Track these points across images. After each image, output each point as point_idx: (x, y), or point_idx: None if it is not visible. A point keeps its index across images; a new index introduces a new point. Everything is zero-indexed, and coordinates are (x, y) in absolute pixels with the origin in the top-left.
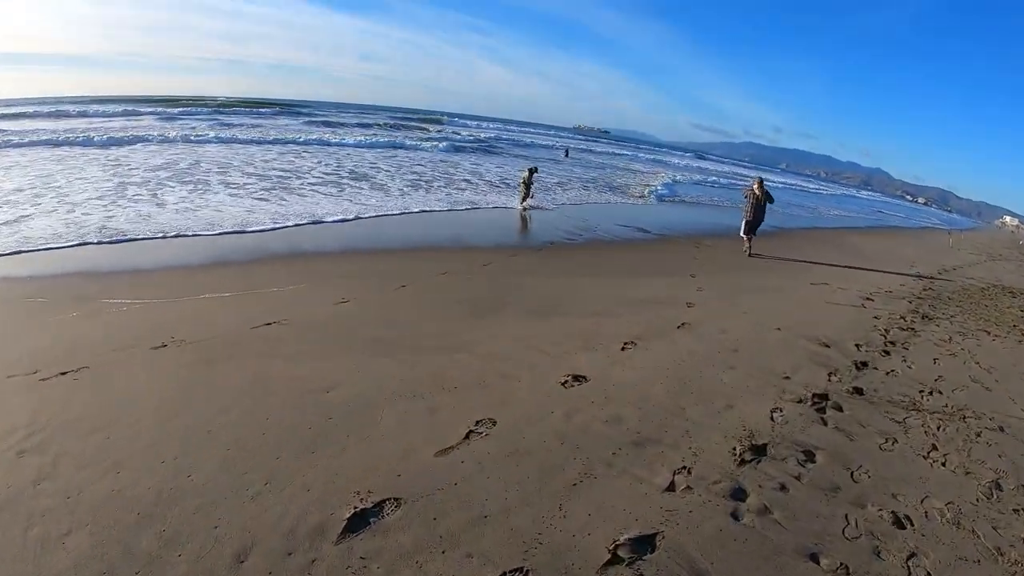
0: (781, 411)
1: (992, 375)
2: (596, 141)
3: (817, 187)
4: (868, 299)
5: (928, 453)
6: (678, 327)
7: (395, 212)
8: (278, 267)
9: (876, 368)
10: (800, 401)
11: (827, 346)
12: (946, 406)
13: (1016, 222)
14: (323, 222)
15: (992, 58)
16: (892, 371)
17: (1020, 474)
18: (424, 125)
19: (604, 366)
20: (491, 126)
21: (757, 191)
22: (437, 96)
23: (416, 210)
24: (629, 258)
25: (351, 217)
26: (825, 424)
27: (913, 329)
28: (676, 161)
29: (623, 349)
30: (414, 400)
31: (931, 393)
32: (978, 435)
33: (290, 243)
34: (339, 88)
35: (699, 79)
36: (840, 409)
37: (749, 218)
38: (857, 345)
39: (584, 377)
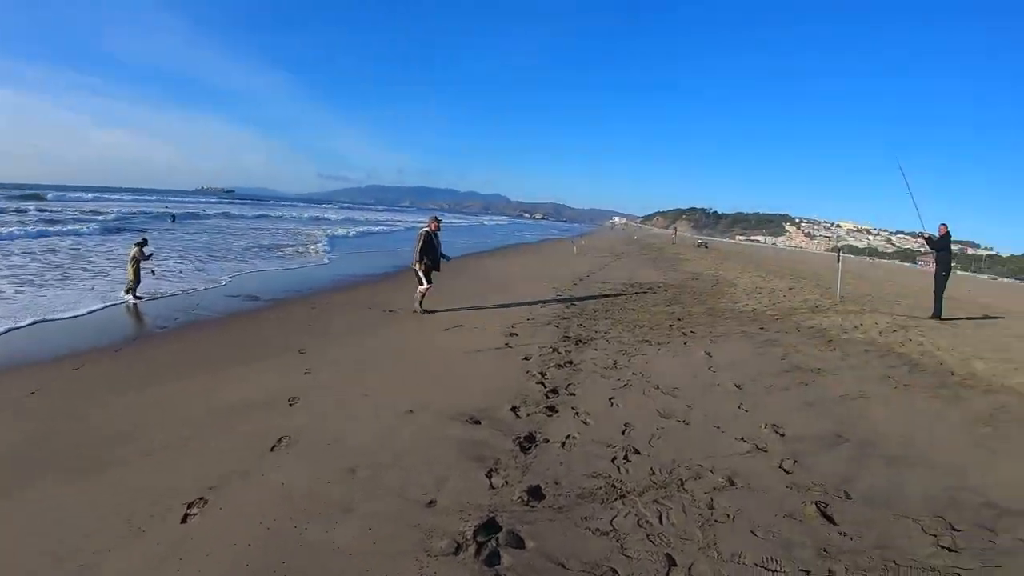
0: None
1: (679, 398)
2: (221, 202)
3: (450, 220)
4: (511, 334)
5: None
6: (272, 448)
7: None
8: None
9: (548, 440)
10: (458, 550)
11: (477, 422)
12: (653, 472)
13: (624, 220)
14: None
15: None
16: (569, 438)
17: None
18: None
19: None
20: (108, 197)
21: (429, 228)
22: (49, 167)
23: None
24: (230, 339)
25: None
26: None
27: (571, 363)
28: (306, 214)
29: (185, 519)
30: None
31: (627, 458)
32: (711, 508)
33: None
34: None
35: (322, 129)
36: (520, 543)
37: (418, 267)
38: (514, 409)
39: None
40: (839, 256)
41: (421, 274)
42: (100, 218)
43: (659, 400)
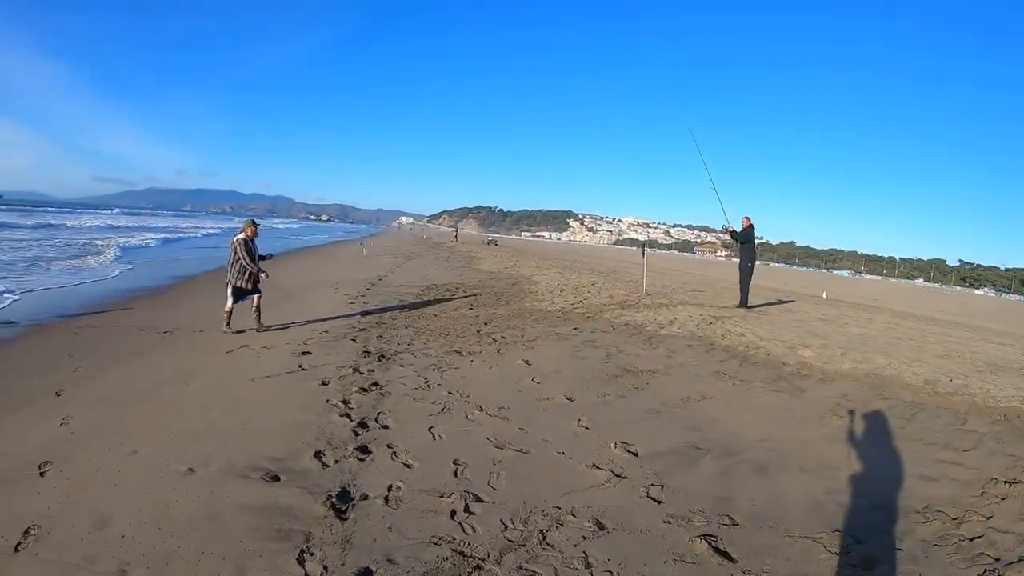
0: None
1: (510, 420)
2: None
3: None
4: (304, 353)
5: None
6: (16, 548)
7: None
8: None
9: (366, 495)
10: None
11: (276, 478)
12: (505, 527)
13: (411, 220)
14: None
15: (374, 77)
16: (392, 489)
17: None
18: None
19: None
20: None
21: (246, 235)
22: None
23: None
24: None
25: None
26: None
27: (377, 384)
28: (96, 222)
29: None
30: None
31: (469, 509)
32: (588, 566)
33: None
34: None
35: (95, 127)
36: None
37: (236, 283)
38: (319, 454)
39: None
40: (644, 251)
41: (232, 290)
42: None
43: (487, 425)
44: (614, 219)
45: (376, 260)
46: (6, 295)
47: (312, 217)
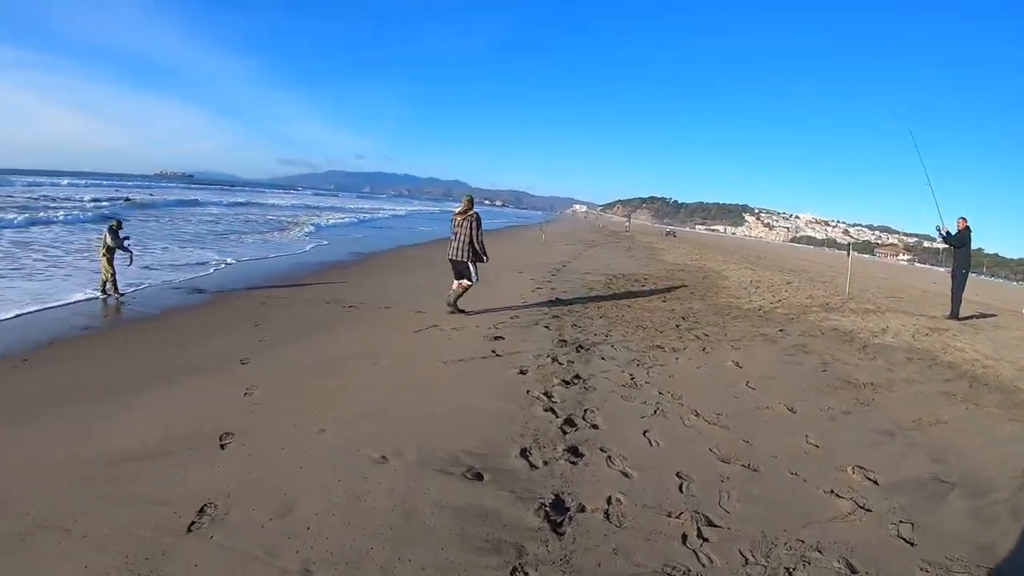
0: None
1: (730, 430)
2: (190, 188)
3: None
4: (497, 338)
5: None
6: (189, 528)
7: None
8: None
9: (583, 506)
10: None
11: (479, 476)
12: (746, 560)
13: (584, 208)
14: None
15: (549, 73)
16: (612, 502)
17: None
18: None
19: None
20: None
21: (459, 217)
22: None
23: None
24: (160, 346)
25: None
26: None
27: (580, 378)
28: (294, 202)
29: None
30: None
31: (702, 535)
32: None
33: None
34: None
35: (283, 114)
36: None
37: (448, 255)
38: (525, 452)
39: None
40: (849, 252)
41: (476, 267)
42: (66, 204)
43: (706, 433)
44: (791, 215)
45: (556, 246)
46: (207, 265)
47: (486, 202)
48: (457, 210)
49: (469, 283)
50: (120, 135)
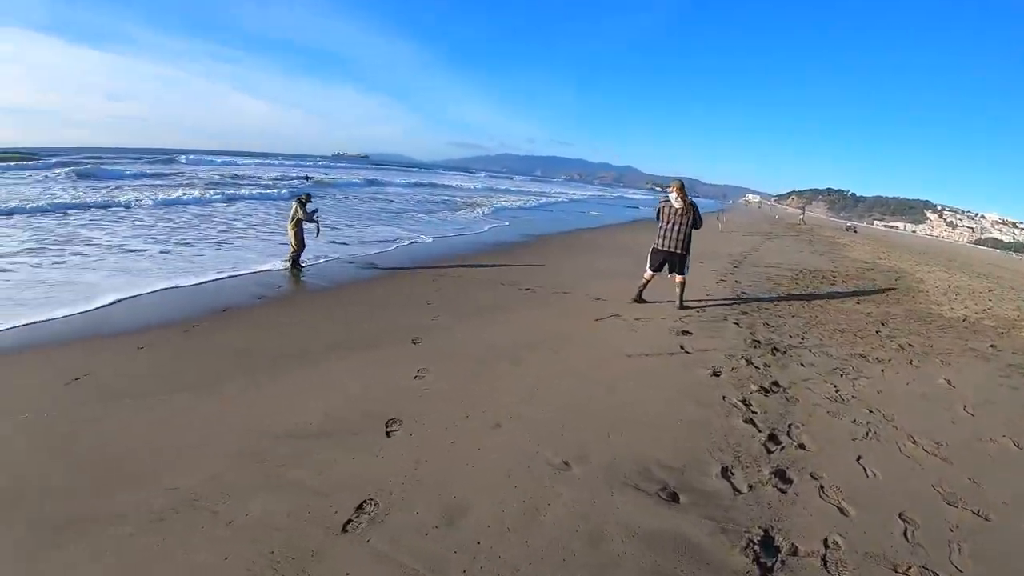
0: None
1: (952, 463)
2: (366, 168)
3: (591, 193)
4: (683, 332)
5: None
6: (344, 526)
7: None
8: None
9: (795, 549)
10: None
11: (674, 497)
12: None
13: (758, 198)
14: None
15: (725, 56)
16: (829, 546)
17: None
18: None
19: None
20: (242, 163)
21: (678, 204)
22: (192, 135)
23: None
24: (331, 320)
25: None
26: None
27: (779, 385)
28: (454, 183)
29: None
30: None
31: None
32: None
33: None
34: (82, 132)
35: (454, 98)
36: None
37: (661, 246)
38: (726, 472)
39: None
40: None
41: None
42: (248, 182)
43: (926, 465)
44: (975, 214)
45: (733, 236)
46: (385, 242)
47: (658, 188)
48: (671, 196)
49: (683, 278)
50: (300, 120)
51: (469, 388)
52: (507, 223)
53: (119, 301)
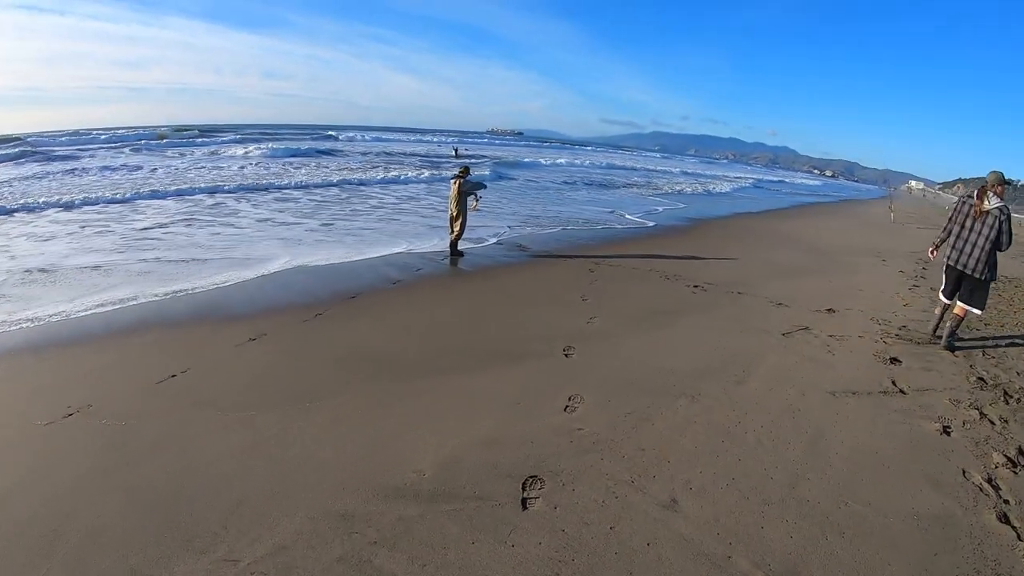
0: None
1: None
2: (529, 147)
3: (762, 176)
4: (892, 360)
5: None
6: None
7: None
8: None
9: None
10: None
11: None
12: None
13: (921, 185)
14: None
15: (886, 34)
16: None
17: None
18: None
19: None
20: (403, 139)
21: (991, 205)
22: (348, 110)
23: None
24: (473, 307)
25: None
26: None
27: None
28: (652, 167)
29: None
30: None
31: None
32: None
33: None
34: (243, 108)
35: (605, 75)
36: None
37: (955, 261)
38: None
39: None
40: None
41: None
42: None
43: None
44: None
45: (907, 228)
46: (542, 222)
47: (816, 171)
48: (988, 196)
49: (967, 308)
50: (450, 96)
51: (635, 436)
52: (661, 208)
53: (265, 276)
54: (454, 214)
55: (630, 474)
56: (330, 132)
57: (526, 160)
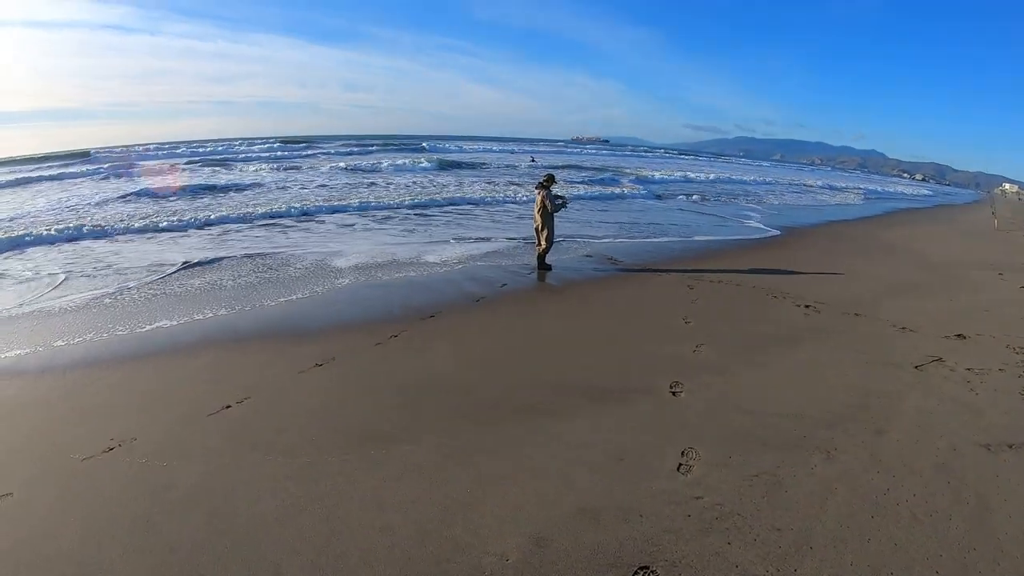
0: None
1: None
2: (627, 156)
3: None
4: None
5: None
6: None
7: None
8: None
9: None
10: None
11: None
12: None
13: (1016, 188)
14: None
15: (974, 33)
16: None
17: None
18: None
19: None
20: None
21: None
22: (431, 120)
23: None
24: (562, 332)
25: None
26: None
27: None
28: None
29: None
30: None
31: None
32: None
33: None
34: (324, 119)
35: (685, 80)
36: None
37: None
38: None
39: None
40: None
41: None
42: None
43: None
44: None
45: (1014, 237)
46: (633, 233)
47: (905, 175)
48: None
49: None
50: (529, 105)
51: (767, 510)
52: (756, 213)
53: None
54: (539, 225)
55: (765, 566)
56: (424, 144)
57: (657, 176)
